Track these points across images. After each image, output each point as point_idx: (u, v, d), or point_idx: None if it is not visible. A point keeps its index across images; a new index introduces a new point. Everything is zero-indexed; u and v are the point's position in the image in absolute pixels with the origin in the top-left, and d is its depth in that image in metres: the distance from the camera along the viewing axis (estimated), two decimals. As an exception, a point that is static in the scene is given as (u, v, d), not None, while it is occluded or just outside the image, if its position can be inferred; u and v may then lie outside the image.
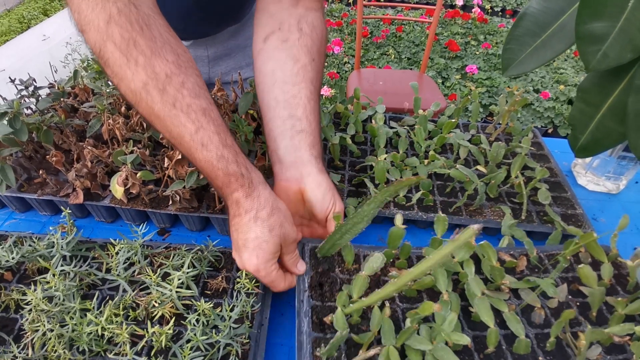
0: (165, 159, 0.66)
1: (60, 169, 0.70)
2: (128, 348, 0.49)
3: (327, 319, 0.51)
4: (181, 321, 0.53)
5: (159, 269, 0.57)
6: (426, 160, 0.77)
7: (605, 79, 0.49)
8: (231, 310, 0.53)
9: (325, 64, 3.00)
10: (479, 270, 0.58)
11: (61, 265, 0.57)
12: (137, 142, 0.75)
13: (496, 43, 3.26)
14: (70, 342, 0.51)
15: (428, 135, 0.87)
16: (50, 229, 0.61)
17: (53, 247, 0.60)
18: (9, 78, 0.78)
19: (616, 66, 0.45)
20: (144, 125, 0.76)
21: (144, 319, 0.54)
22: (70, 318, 0.51)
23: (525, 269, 0.61)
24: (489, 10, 3.95)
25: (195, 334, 0.50)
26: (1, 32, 3.34)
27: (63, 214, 0.61)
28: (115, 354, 0.50)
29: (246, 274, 0.57)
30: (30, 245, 0.60)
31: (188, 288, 0.56)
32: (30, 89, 0.80)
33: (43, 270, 0.60)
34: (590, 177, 0.87)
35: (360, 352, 0.47)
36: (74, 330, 0.51)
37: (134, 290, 0.56)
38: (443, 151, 0.86)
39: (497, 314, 0.52)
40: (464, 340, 0.45)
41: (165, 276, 0.58)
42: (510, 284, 0.55)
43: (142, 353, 0.50)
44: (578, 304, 0.57)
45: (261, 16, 0.65)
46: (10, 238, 0.62)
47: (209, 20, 0.85)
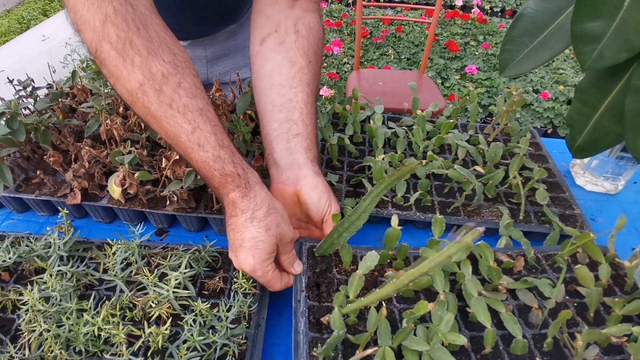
0: (163, 159, 0.66)
1: (57, 169, 0.70)
2: (125, 348, 0.49)
3: (325, 319, 0.51)
4: (178, 321, 0.53)
5: (156, 270, 0.57)
6: (424, 161, 0.77)
7: (603, 79, 0.49)
8: (228, 311, 0.53)
9: (325, 64, 3.00)
10: (476, 270, 0.58)
11: (58, 266, 0.57)
12: (135, 143, 0.75)
13: (495, 43, 3.26)
14: (67, 343, 0.51)
15: (426, 135, 0.87)
16: (48, 229, 0.61)
17: (50, 248, 0.60)
18: (7, 78, 0.78)
19: (614, 66, 0.45)
20: (142, 125, 0.76)
21: (141, 319, 0.54)
22: (67, 318, 0.51)
23: (523, 270, 0.61)
24: (489, 10, 3.95)
25: (192, 335, 0.50)
26: (1, 33, 3.34)
27: (60, 214, 0.61)
28: (111, 355, 0.50)
29: (243, 274, 0.57)
30: (27, 246, 0.60)
31: (185, 288, 0.56)
32: (29, 89, 0.80)
33: (40, 271, 0.60)
34: (589, 178, 0.87)
35: (357, 352, 0.47)
36: (70, 330, 0.50)
37: (131, 291, 0.56)
38: (441, 151, 0.86)
39: (494, 314, 0.52)
40: (461, 340, 0.45)
41: (162, 276, 0.58)
42: (507, 285, 0.55)
43: (139, 353, 0.50)
44: (575, 304, 0.57)
45: (258, 18, 0.65)
46: (8, 238, 0.62)
47: (207, 20, 0.85)
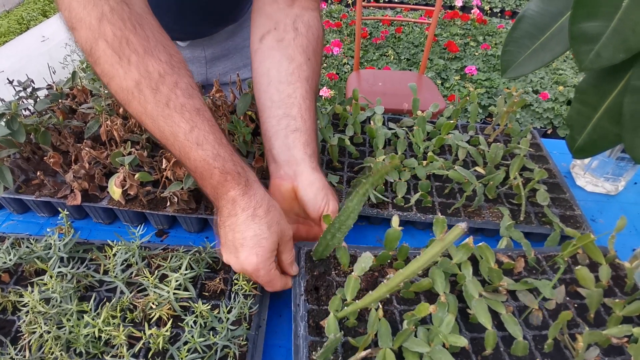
0: (163, 160, 0.66)
1: (58, 170, 0.70)
2: (125, 350, 0.49)
3: (324, 322, 0.51)
4: (179, 323, 0.53)
5: (157, 271, 0.57)
6: (425, 162, 0.77)
7: (603, 80, 0.49)
8: (229, 312, 0.53)
9: (325, 65, 3.00)
10: (476, 271, 0.58)
11: (58, 267, 0.57)
12: (135, 144, 0.75)
13: (495, 44, 3.26)
14: (67, 344, 0.51)
15: (427, 136, 0.87)
16: (48, 230, 0.61)
17: (50, 249, 0.60)
18: (7, 79, 0.78)
19: (613, 67, 0.45)
20: (142, 126, 0.75)
21: (142, 320, 0.54)
22: (68, 320, 0.51)
23: (523, 271, 0.61)
24: (488, 11, 3.95)
25: (192, 336, 0.50)
26: (0, 33, 3.34)
27: (61, 215, 0.61)
28: (112, 356, 0.50)
29: (244, 276, 0.57)
30: (27, 247, 0.60)
31: (186, 290, 0.56)
32: (29, 90, 0.80)
33: (40, 272, 0.60)
34: (589, 178, 0.87)
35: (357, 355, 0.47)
36: (71, 332, 0.50)
37: (131, 292, 0.56)
38: (442, 152, 0.86)
39: (495, 315, 0.52)
40: (462, 342, 0.45)
41: (162, 278, 0.58)
42: (508, 286, 0.55)
43: (140, 355, 0.50)
44: (576, 305, 0.57)
45: (257, 16, 0.65)
46: (8, 240, 0.62)
47: (207, 20, 0.85)
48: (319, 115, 0.76)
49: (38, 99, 0.80)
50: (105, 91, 0.79)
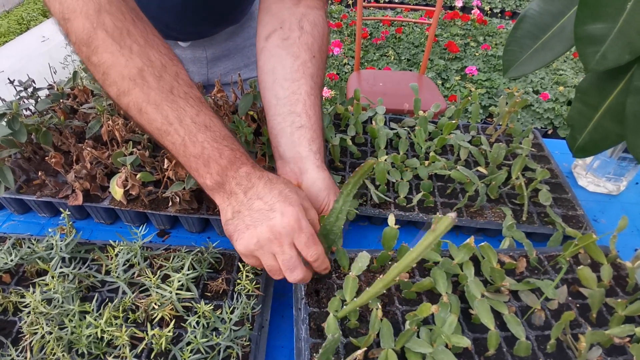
0: (165, 160, 0.66)
1: (59, 170, 0.70)
2: (128, 351, 0.49)
3: (325, 324, 0.51)
4: (181, 323, 0.53)
5: (159, 271, 0.57)
6: (427, 162, 0.77)
7: (604, 80, 0.49)
8: (231, 313, 0.53)
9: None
10: (478, 272, 0.57)
11: (60, 267, 0.57)
12: (137, 144, 0.75)
13: (495, 44, 3.26)
14: (69, 345, 0.50)
15: (428, 136, 0.87)
16: (49, 230, 0.61)
17: (52, 249, 0.60)
18: (8, 79, 0.78)
19: (614, 68, 0.45)
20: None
21: (144, 321, 0.54)
22: (69, 320, 0.51)
23: (525, 271, 0.60)
24: (488, 11, 3.95)
25: (195, 337, 0.50)
26: (0, 34, 3.34)
27: (62, 215, 0.61)
28: (114, 357, 0.50)
29: (246, 275, 0.57)
30: (29, 247, 0.60)
31: (188, 290, 0.56)
32: (30, 90, 0.80)
33: (42, 273, 0.60)
34: (591, 178, 0.87)
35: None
36: (73, 332, 0.50)
37: (133, 292, 0.56)
38: (443, 152, 0.86)
39: (497, 316, 0.52)
40: (465, 342, 0.45)
41: (165, 278, 0.58)
42: (510, 286, 0.55)
43: (142, 356, 0.50)
44: (578, 305, 0.57)
45: (264, 15, 0.66)
46: (9, 240, 0.62)
47: (208, 20, 0.85)
48: (322, 109, 0.76)
49: (39, 99, 0.80)
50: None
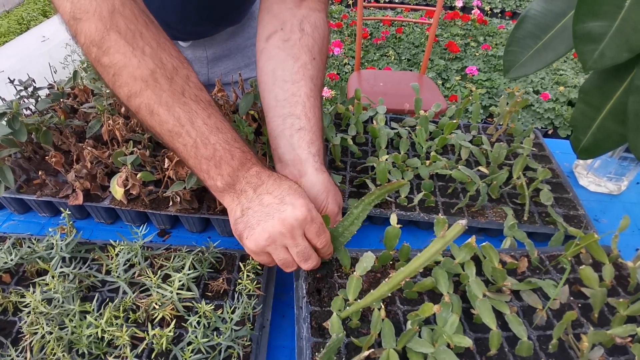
0: (166, 160, 0.66)
1: (59, 170, 0.70)
2: (128, 351, 0.49)
3: (326, 324, 0.51)
4: (182, 323, 0.53)
5: (160, 271, 0.57)
6: (428, 161, 0.77)
7: (607, 80, 0.49)
8: (232, 312, 0.53)
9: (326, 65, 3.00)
10: (479, 271, 0.57)
11: (60, 267, 0.57)
12: (137, 143, 0.75)
13: (496, 44, 3.26)
14: (69, 345, 0.50)
15: (429, 136, 0.87)
16: (50, 230, 0.61)
17: (52, 249, 0.60)
18: (8, 79, 0.78)
19: (616, 68, 0.45)
20: (145, 122, 0.75)
21: (145, 321, 0.54)
22: (70, 320, 0.51)
23: (527, 270, 0.60)
24: (489, 11, 3.95)
25: (196, 337, 0.49)
26: (0, 34, 3.34)
27: (62, 215, 0.61)
28: (115, 357, 0.50)
29: (247, 274, 0.57)
30: (29, 247, 0.60)
31: (189, 290, 0.56)
32: (30, 89, 0.80)
33: (42, 272, 0.60)
34: (592, 178, 0.87)
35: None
36: (73, 332, 0.50)
37: (134, 292, 0.56)
38: (444, 152, 0.85)
39: (499, 315, 0.52)
40: (466, 342, 0.45)
41: (165, 278, 0.58)
42: (511, 286, 0.55)
43: (143, 356, 0.50)
44: (580, 305, 0.57)
45: (264, 16, 0.66)
46: (9, 239, 0.62)
47: (208, 20, 0.85)
48: (322, 111, 0.76)
49: (39, 99, 0.80)
50: (107, 90, 0.79)
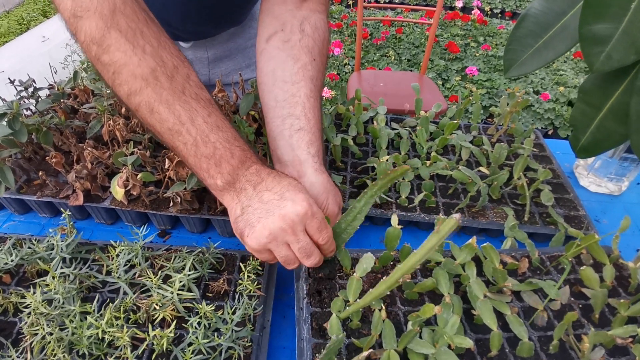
0: (166, 160, 0.66)
1: (60, 170, 0.70)
2: (129, 351, 0.49)
3: (327, 324, 0.51)
4: (182, 324, 0.53)
5: (160, 271, 0.57)
6: (428, 162, 0.77)
7: (606, 80, 0.49)
8: (233, 313, 0.53)
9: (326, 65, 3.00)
10: (480, 272, 0.57)
11: (61, 268, 0.57)
12: (138, 144, 0.75)
13: (496, 45, 3.26)
14: (70, 346, 0.50)
15: (430, 136, 0.87)
16: (50, 231, 0.61)
17: (52, 250, 0.59)
18: (9, 79, 0.78)
19: (618, 68, 0.45)
20: (145, 121, 0.75)
21: (145, 322, 0.54)
22: (70, 321, 0.51)
23: (527, 271, 0.60)
24: (489, 12, 3.95)
25: (196, 337, 0.49)
26: (0, 34, 3.34)
27: (63, 215, 0.61)
28: (115, 358, 0.50)
29: (248, 275, 0.57)
30: (29, 248, 0.60)
31: (189, 290, 0.56)
32: (30, 90, 0.80)
33: (42, 273, 0.60)
34: (592, 179, 0.87)
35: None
36: (73, 333, 0.50)
37: (134, 293, 0.56)
38: (445, 152, 0.85)
39: (500, 316, 0.52)
40: (467, 343, 0.45)
41: (166, 278, 0.58)
42: (512, 286, 0.55)
43: (143, 356, 0.50)
44: (580, 306, 0.57)
45: (265, 17, 0.66)
46: (9, 240, 0.62)
47: (209, 20, 0.84)
48: (321, 112, 0.76)
49: (39, 99, 0.80)
50: (108, 91, 0.79)
